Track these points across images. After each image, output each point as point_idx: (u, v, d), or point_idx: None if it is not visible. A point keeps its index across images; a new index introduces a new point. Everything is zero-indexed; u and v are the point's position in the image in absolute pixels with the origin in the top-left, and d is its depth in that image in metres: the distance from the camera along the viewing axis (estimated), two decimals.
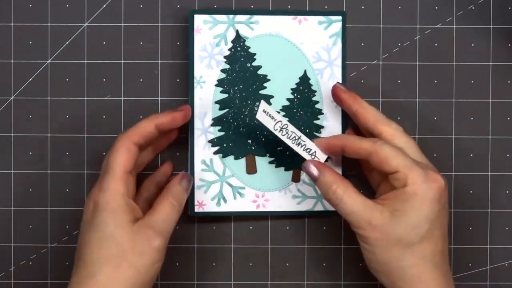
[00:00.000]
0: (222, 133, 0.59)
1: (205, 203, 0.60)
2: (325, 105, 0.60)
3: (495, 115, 0.62)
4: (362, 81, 0.62)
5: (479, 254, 0.62)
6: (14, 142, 0.62)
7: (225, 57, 0.59)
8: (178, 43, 0.61)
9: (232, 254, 0.62)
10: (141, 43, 0.62)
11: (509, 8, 0.62)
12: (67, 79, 0.62)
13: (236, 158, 0.60)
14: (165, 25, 0.62)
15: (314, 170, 0.55)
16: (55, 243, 0.62)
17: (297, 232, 0.62)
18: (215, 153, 0.59)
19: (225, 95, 0.59)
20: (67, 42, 0.62)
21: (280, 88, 0.60)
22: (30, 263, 0.62)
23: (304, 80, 0.59)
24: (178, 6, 0.62)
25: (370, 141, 0.54)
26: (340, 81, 0.60)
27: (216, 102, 0.59)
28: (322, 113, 0.60)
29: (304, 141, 0.56)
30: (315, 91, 0.59)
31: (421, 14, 0.62)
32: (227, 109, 0.59)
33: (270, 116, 0.55)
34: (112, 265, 0.52)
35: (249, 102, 0.59)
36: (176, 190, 0.56)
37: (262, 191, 0.60)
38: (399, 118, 0.62)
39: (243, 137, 0.59)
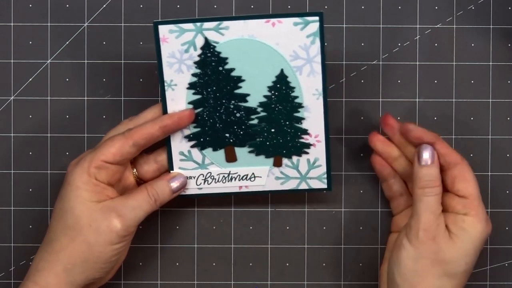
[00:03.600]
0: (198, 129, 0.58)
1: (187, 186, 0.59)
2: (305, 99, 0.57)
3: (495, 115, 0.62)
4: (362, 81, 0.62)
5: (479, 253, 0.62)
6: (14, 142, 0.62)
7: (195, 62, 0.56)
8: None
9: (232, 254, 0.62)
10: (141, 43, 0.62)
11: (509, 8, 0.62)
12: (67, 79, 0.62)
13: (214, 150, 0.58)
14: None
15: (432, 157, 0.55)
16: None
17: (297, 232, 0.62)
18: (193, 146, 0.58)
19: (199, 96, 0.57)
20: (67, 42, 0.62)
21: (255, 87, 0.57)
22: (30, 263, 0.62)
23: (281, 78, 0.57)
24: (178, 6, 0.62)
25: (459, 154, 0.56)
26: (321, 77, 0.56)
27: (189, 103, 0.57)
28: (302, 106, 0.57)
29: (235, 172, 0.58)
30: (294, 87, 0.57)
31: (421, 14, 0.62)
32: (202, 108, 0.57)
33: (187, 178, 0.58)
34: (68, 236, 0.54)
35: (224, 101, 0.57)
36: (160, 186, 0.56)
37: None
38: (399, 118, 0.62)
39: (220, 132, 0.58)
